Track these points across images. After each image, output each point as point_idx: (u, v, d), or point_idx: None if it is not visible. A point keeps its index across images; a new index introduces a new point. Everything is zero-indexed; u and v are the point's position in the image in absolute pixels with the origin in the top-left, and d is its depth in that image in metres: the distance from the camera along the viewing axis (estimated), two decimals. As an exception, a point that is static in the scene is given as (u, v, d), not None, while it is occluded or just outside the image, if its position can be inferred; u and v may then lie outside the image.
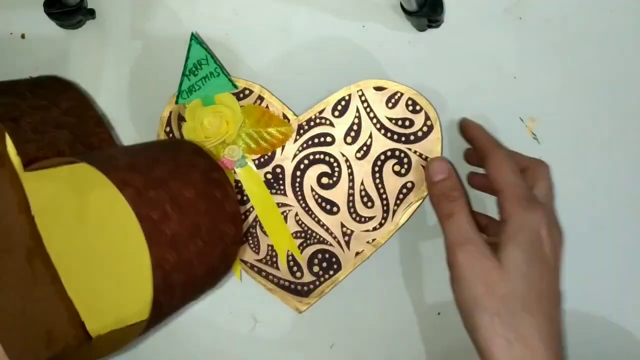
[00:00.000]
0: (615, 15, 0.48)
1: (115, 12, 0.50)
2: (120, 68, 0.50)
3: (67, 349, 0.44)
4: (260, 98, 0.48)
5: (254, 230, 0.49)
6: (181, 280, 0.39)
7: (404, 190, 0.47)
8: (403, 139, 0.47)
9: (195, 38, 0.46)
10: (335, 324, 0.50)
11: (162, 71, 0.49)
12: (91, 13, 0.49)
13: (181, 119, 0.48)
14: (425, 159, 0.47)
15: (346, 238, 0.48)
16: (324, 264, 0.48)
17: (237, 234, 0.43)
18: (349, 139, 0.48)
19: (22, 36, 0.50)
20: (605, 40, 0.48)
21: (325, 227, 0.48)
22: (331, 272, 0.48)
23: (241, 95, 0.48)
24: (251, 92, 0.48)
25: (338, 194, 0.48)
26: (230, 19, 0.50)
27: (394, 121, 0.47)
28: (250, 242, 0.49)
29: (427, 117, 0.47)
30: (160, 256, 0.37)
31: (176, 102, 0.46)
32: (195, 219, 0.39)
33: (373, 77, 0.49)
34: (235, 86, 0.47)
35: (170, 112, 0.48)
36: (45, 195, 0.45)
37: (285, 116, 0.48)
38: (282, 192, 0.49)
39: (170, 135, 0.49)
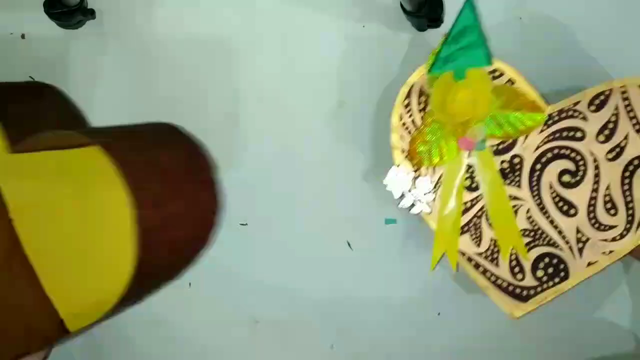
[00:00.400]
0: (615, 15, 0.47)
1: (115, 13, 0.50)
2: (120, 68, 0.50)
3: (46, 341, 0.44)
4: (511, 82, 0.44)
5: (478, 221, 0.45)
6: (163, 239, 0.40)
7: (655, 203, 0.43)
8: (665, 146, 0.43)
9: (470, 3, 0.42)
10: (335, 324, 0.49)
11: (161, 71, 0.49)
12: (91, 13, 0.49)
13: (422, 93, 0.44)
14: None
15: (580, 245, 0.44)
16: (550, 270, 0.44)
17: (213, 202, 0.44)
18: (601, 137, 0.43)
19: (23, 36, 0.51)
20: (605, 39, 0.47)
21: (558, 229, 0.44)
22: (556, 280, 0.44)
23: (490, 76, 0.44)
24: (502, 74, 0.44)
25: (579, 196, 0.44)
26: (231, 19, 0.49)
27: (657, 125, 0.43)
28: (473, 233, 0.45)
29: None
30: (143, 216, 0.37)
31: (429, 72, 0.42)
32: (175, 184, 0.41)
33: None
34: (491, 62, 0.43)
35: (412, 85, 0.44)
36: (26, 192, 0.44)
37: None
38: (517, 184, 0.44)
39: (408, 108, 0.45)
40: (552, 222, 0.44)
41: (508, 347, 0.49)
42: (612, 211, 0.44)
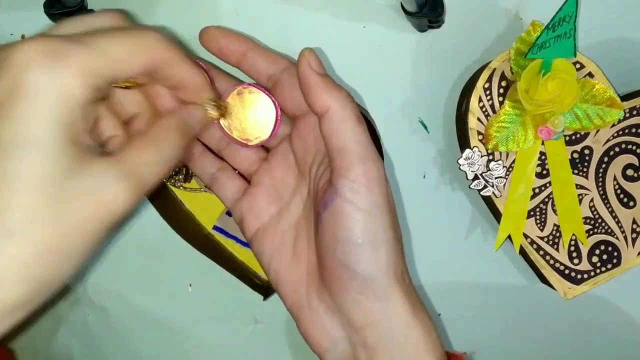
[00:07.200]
0: (616, 16, 0.48)
1: None
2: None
3: None
4: (590, 75, 0.45)
5: (544, 207, 0.47)
6: None
7: None
8: None
9: None
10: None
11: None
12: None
13: (503, 78, 0.45)
14: None
15: (634, 235, 0.47)
16: (605, 256, 0.47)
17: None
18: (666, 136, 0.46)
19: (22, 37, 0.49)
20: (606, 40, 0.48)
21: (617, 219, 0.47)
22: (609, 266, 0.47)
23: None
24: (582, 66, 0.45)
25: (638, 189, 0.47)
26: (230, 19, 0.49)
27: None
28: (538, 218, 0.47)
29: None
30: None
31: (525, 56, 0.43)
32: None
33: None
34: (575, 54, 0.44)
35: (494, 70, 0.45)
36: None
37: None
38: (584, 174, 0.47)
39: (487, 92, 0.45)
40: (612, 212, 0.47)
41: (509, 349, 0.52)
42: (667, 206, 0.47)
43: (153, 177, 0.30)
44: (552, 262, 0.47)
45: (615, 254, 0.47)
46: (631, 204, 0.47)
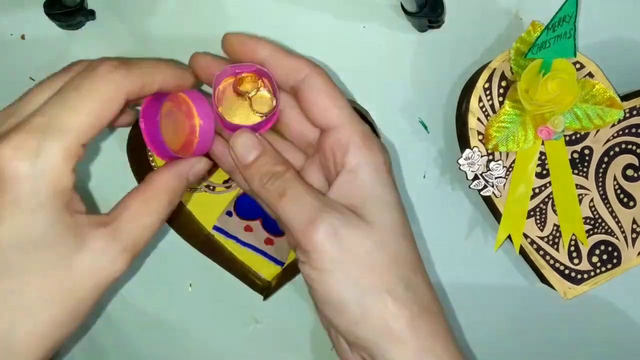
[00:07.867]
0: (616, 16, 0.48)
1: (116, 13, 0.49)
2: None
3: None
4: (590, 75, 0.45)
5: (544, 207, 0.47)
6: None
7: None
8: None
9: None
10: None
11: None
12: (91, 14, 0.48)
13: (503, 78, 0.45)
14: None
15: (634, 235, 0.47)
16: (604, 256, 0.47)
17: None
18: (666, 136, 0.46)
19: (22, 37, 0.49)
20: (606, 40, 0.48)
21: (617, 219, 0.47)
22: (609, 266, 0.47)
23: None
24: (582, 66, 0.45)
25: (638, 189, 0.47)
26: (230, 19, 0.49)
27: None
28: (538, 218, 0.47)
29: None
30: None
31: (525, 56, 0.43)
32: None
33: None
34: (575, 54, 0.44)
35: (494, 70, 0.45)
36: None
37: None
38: (584, 174, 0.47)
39: (487, 92, 0.45)
40: (612, 212, 0.47)
41: (509, 349, 0.52)
42: (667, 206, 0.47)
43: (148, 239, 0.33)
44: (552, 262, 0.47)
45: (615, 254, 0.47)
46: (631, 204, 0.47)
